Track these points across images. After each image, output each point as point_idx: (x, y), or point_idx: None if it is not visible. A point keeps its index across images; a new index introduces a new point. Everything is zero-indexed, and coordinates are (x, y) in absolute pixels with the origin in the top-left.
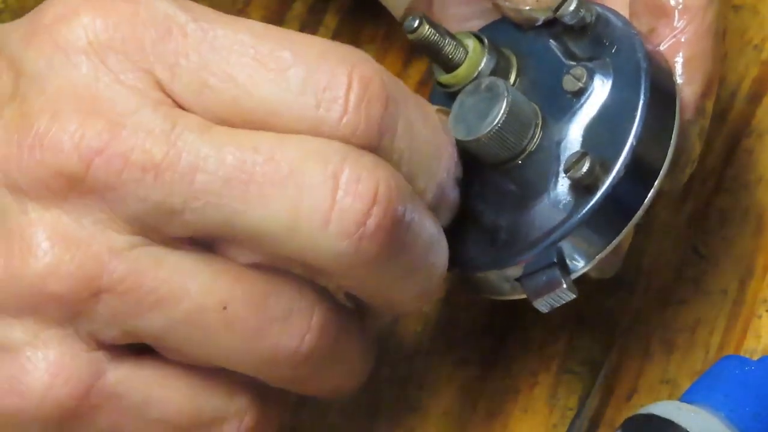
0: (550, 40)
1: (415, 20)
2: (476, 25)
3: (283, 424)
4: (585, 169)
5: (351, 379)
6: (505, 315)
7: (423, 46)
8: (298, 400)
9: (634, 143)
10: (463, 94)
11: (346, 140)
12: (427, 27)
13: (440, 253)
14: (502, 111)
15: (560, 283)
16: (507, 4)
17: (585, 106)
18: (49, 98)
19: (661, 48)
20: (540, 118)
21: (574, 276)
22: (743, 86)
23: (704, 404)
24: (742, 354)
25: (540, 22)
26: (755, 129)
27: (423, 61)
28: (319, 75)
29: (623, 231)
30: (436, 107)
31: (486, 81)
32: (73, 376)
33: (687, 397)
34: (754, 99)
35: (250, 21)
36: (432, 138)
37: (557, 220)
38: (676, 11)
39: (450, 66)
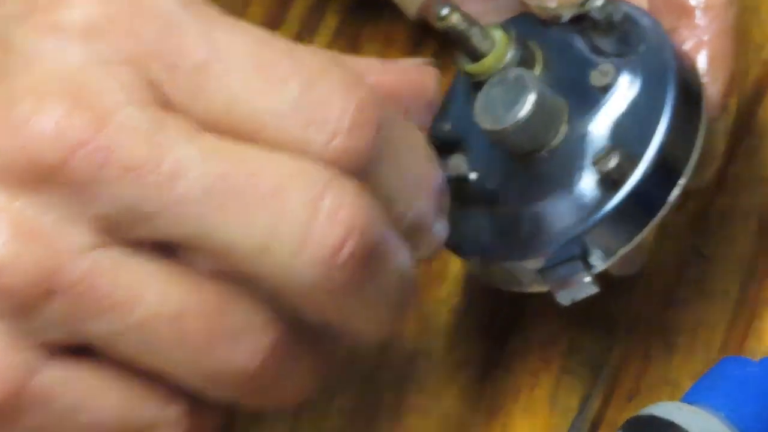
0: (576, 36)
1: (445, 7)
2: (491, 22)
3: (218, 429)
4: (614, 163)
5: (297, 397)
6: (505, 315)
7: (451, 34)
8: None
9: (662, 140)
10: (490, 85)
11: (332, 163)
12: (456, 15)
13: (408, 286)
14: (529, 103)
15: (583, 276)
16: (533, 1)
17: (612, 101)
18: (37, 80)
19: (684, 47)
20: (566, 113)
21: (596, 270)
22: (744, 86)
23: (705, 405)
24: (743, 355)
25: (566, 19)
26: (756, 129)
27: None
28: (315, 93)
29: (648, 227)
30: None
31: (513, 72)
32: (4, 374)
33: (688, 398)
34: (755, 99)
35: (254, 27)
36: (418, 167)
37: (581, 213)
38: (698, 10)
39: (477, 55)
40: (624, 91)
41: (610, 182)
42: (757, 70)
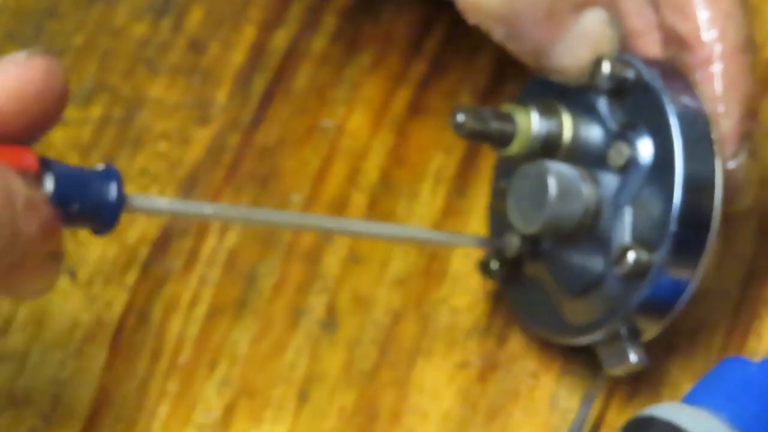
0: (598, 98)
1: (458, 115)
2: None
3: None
4: (630, 263)
5: None
6: (505, 316)
7: (471, 137)
8: (298, 402)
9: (676, 226)
10: (516, 179)
11: None
12: (467, 117)
13: None
14: (550, 202)
15: (628, 356)
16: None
17: (630, 180)
18: None
19: (694, 78)
20: (594, 196)
21: (639, 350)
22: None
23: (706, 406)
24: (744, 355)
25: (584, 83)
26: (757, 129)
27: (423, 62)
28: None
29: (688, 292)
30: None
31: (534, 167)
32: None
33: (688, 399)
34: None
35: None
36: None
37: (620, 297)
38: (698, 43)
39: (503, 142)
40: (638, 167)
41: (633, 277)
42: (758, 69)
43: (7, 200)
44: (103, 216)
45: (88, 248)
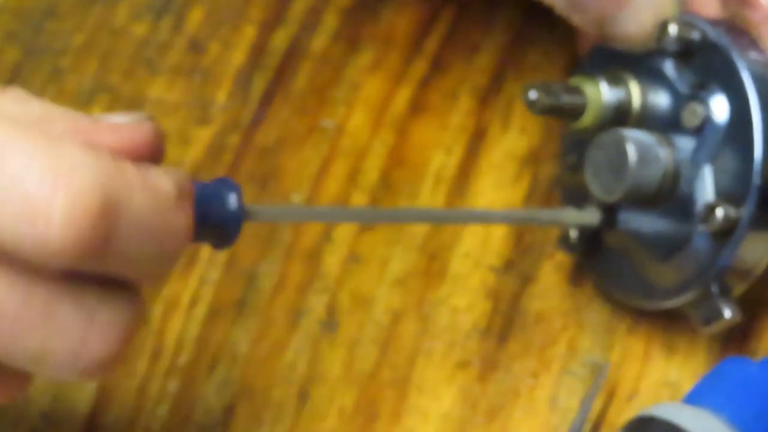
0: (664, 62)
1: (531, 95)
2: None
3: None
4: (719, 219)
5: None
6: (505, 316)
7: (544, 113)
8: (298, 402)
9: (759, 180)
10: (592, 149)
11: (53, 256)
12: (540, 94)
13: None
14: (631, 169)
15: (722, 312)
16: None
17: (707, 139)
18: None
19: (756, 34)
20: (671, 159)
21: (732, 305)
22: None
23: (706, 406)
24: (744, 355)
25: (649, 48)
26: None
27: (424, 61)
28: (24, 184)
29: None
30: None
31: (610, 136)
32: None
33: (689, 399)
34: None
35: None
36: (160, 221)
37: (709, 254)
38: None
39: (575, 115)
40: (715, 124)
41: (722, 233)
42: None
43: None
44: (226, 229)
45: None
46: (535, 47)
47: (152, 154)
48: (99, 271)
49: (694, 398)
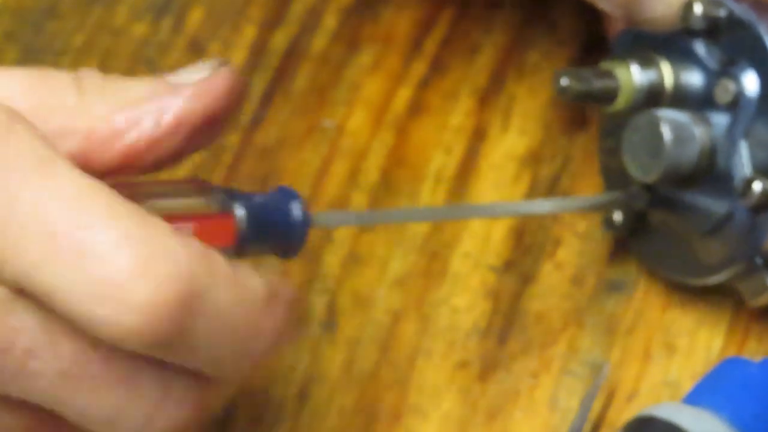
0: (693, 41)
1: (562, 79)
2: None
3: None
4: (757, 193)
5: None
6: (505, 316)
7: (576, 99)
8: (298, 402)
9: None
10: (628, 132)
11: (130, 341)
12: (571, 80)
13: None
14: (667, 148)
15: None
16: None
17: (740, 114)
18: None
19: None
20: (707, 136)
21: None
22: None
23: (706, 406)
24: (744, 356)
25: (676, 28)
26: None
27: (423, 62)
28: (107, 266)
29: None
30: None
31: (645, 118)
32: None
33: (689, 399)
34: None
35: (66, 171)
36: (244, 321)
37: (752, 228)
38: None
39: (608, 99)
40: (748, 99)
41: (761, 207)
42: None
43: (243, 298)
44: (292, 239)
45: None
46: (535, 47)
47: (232, 101)
48: (171, 360)
49: (694, 398)
